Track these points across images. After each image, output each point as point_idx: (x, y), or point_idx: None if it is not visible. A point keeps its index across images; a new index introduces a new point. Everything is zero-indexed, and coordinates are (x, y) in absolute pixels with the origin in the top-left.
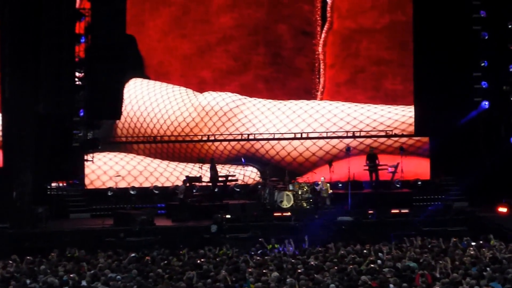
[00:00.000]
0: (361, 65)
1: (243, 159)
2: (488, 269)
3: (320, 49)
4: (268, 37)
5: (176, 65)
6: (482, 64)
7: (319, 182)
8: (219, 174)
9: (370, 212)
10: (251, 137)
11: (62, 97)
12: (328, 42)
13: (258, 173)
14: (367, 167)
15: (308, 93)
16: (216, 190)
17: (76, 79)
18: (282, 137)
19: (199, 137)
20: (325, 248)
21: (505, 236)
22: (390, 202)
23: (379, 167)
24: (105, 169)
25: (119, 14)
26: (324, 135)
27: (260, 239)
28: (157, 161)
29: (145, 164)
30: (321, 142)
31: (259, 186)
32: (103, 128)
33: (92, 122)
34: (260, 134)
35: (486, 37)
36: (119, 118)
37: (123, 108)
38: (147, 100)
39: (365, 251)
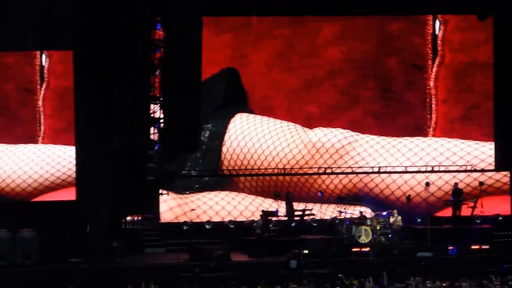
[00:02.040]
0: (476, 101)
1: (320, 193)
2: None
3: (431, 83)
4: (377, 71)
5: (281, 99)
6: None
7: (391, 213)
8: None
9: (450, 247)
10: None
11: (137, 131)
12: (439, 77)
13: (372, 213)
14: (450, 203)
15: (419, 130)
16: (293, 224)
17: (151, 113)
18: (388, 170)
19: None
20: (404, 284)
21: None
22: (471, 238)
23: (464, 203)
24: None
25: (194, 45)
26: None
27: (339, 275)
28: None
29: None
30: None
31: (337, 221)
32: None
33: (168, 155)
34: (371, 168)
35: None
36: (195, 152)
37: (229, 144)
38: (254, 136)
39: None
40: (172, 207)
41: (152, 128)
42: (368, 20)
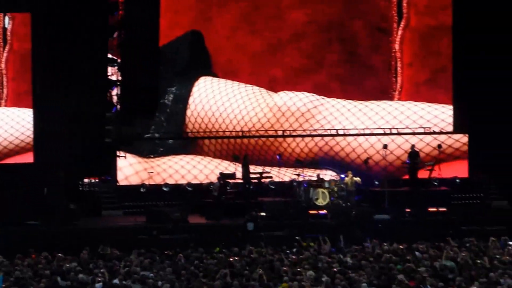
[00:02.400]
0: (442, 64)
1: (278, 156)
2: None
3: (397, 46)
4: (342, 34)
5: (245, 62)
6: None
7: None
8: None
9: (407, 210)
10: (327, 134)
11: (95, 94)
12: (405, 40)
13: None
14: (406, 165)
15: (384, 93)
16: (250, 187)
17: (109, 75)
18: (344, 133)
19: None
20: (361, 246)
21: None
22: (428, 200)
23: (419, 165)
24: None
25: (153, 8)
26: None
27: (297, 238)
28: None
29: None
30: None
31: (294, 184)
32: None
33: (126, 118)
34: (336, 131)
35: None
36: (153, 115)
37: (193, 107)
38: (219, 100)
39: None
40: (138, 170)
41: (110, 91)
42: None
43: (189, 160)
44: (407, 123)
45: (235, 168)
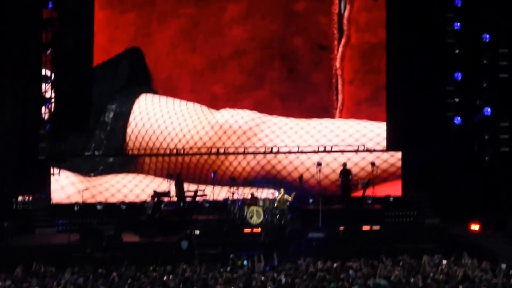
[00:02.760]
0: (383, 82)
1: (212, 173)
2: (460, 287)
3: (337, 64)
4: (283, 51)
5: (185, 79)
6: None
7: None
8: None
9: (341, 228)
10: (269, 151)
11: (28, 109)
12: (346, 57)
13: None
14: (339, 182)
15: (325, 111)
16: (184, 205)
17: (43, 92)
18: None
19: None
20: (295, 264)
21: (478, 254)
22: (361, 218)
23: (352, 183)
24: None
25: (86, 24)
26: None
27: (231, 255)
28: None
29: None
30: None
31: (229, 202)
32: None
33: (59, 135)
34: (278, 148)
35: (459, 51)
36: (87, 131)
37: (133, 125)
38: (160, 117)
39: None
40: (80, 189)
41: (43, 108)
42: None
43: (131, 179)
44: (349, 141)
45: (168, 187)
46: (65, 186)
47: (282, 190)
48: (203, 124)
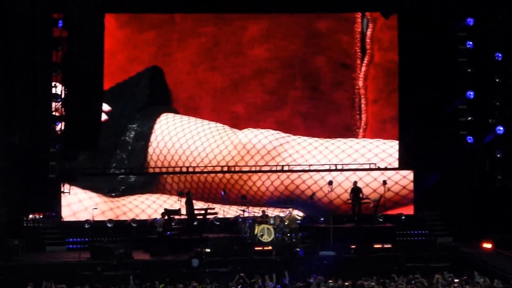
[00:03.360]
0: None
1: (222, 192)
2: None
3: (360, 83)
4: (305, 70)
5: (206, 99)
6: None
7: (285, 214)
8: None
9: (352, 246)
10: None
11: (37, 128)
12: (369, 76)
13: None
14: (349, 201)
15: (348, 130)
16: (195, 223)
17: (53, 110)
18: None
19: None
20: (306, 283)
21: (490, 273)
22: (373, 237)
23: (362, 201)
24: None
25: (96, 44)
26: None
27: (241, 274)
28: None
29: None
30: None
31: (239, 220)
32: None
33: (69, 154)
34: (288, 166)
35: (471, 70)
36: (96, 150)
37: (155, 145)
38: (182, 137)
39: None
40: (104, 210)
41: (54, 126)
42: (295, 18)
43: (155, 199)
44: (375, 161)
45: (180, 205)
46: (89, 207)
47: (291, 210)
48: (226, 144)
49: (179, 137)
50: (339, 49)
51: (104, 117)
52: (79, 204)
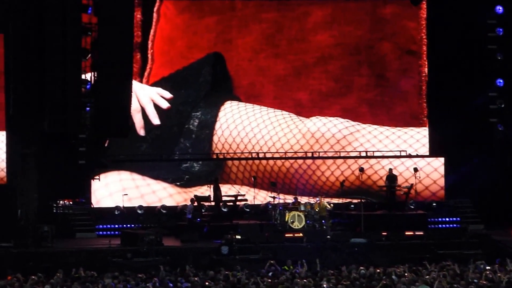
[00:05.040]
0: None
1: (253, 178)
2: None
3: (426, 70)
4: (370, 57)
5: (269, 86)
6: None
7: (313, 202)
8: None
9: (383, 234)
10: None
11: (67, 115)
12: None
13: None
14: (384, 188)
15: (415, 119)
16: (225, 209)
17: (83, 96)
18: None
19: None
20: (337, 270)
21: None
22: (404, 224)
23: (397, 188)
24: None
25: (126, 30)
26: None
27: (271, 261)
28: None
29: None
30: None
31: (270, 206)
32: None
33: (99, 140)
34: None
35: (502, 57)
36: (126, 136)
37: (220, 133)
38: (247, 125)
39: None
40: (179, 202)
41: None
42: (360, 4)
43: (227, 190)
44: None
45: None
46: (163, 198)
47: (321, 197)
48: (294, 133)
49: (245, 125)
50: (405, 35)
51: (166, 104)
52: (152, 195)
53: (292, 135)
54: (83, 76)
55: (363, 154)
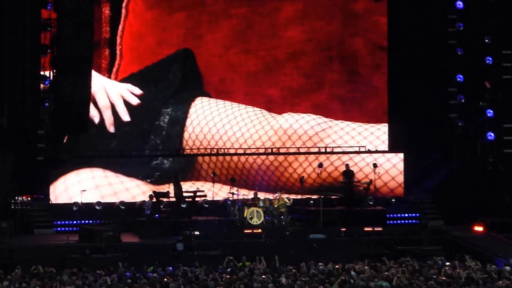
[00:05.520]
0: None
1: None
2: None
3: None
4: (342, 53)
5: (239, 82)
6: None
7: (271, 198)
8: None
9: (342, 229)
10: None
11: (26, 110)
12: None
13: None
14: (342, 184)
15: (386, 115)
16: (184, 205)
17: (42, 92)
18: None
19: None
20: (296, 266)
21: (481, 256)
22: (364, 219)
23: (354, 183)
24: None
25: (86, 26)
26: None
27: (230, 257)
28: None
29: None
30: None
31: (228, 202)
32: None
33: (57, 136)
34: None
35: (462, 52)
36: (84, 132)
37: (191, 130)
38: (219, 122)
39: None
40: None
41: (42, 108)
42: None
43: (199, 187)
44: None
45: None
46: (137, 195)
47: (280, 193)
48: (266, 129)
49: (216, 122)
50: (377, 31)
51: (136, 101)
52: (126, 193)
53: (264, 132)
54: (42, 72)
55: (323, 150)
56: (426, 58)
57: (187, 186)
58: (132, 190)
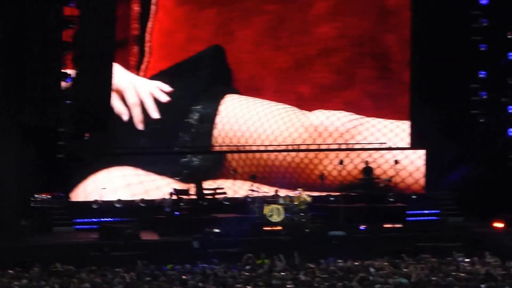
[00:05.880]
0: None
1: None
2: (482, 286)
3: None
4: (374, 49)
5: (269, 79)
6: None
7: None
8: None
9: (362, 226)
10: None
11: (47, 108)
12: None
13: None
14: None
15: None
16: (204, 203)
17: (63, 90)
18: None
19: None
20: (316, 263)
21: (501, 253)
22: (383, 216)
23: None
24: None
25: (108, 23)
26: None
27: (249, 254)
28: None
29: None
30: None
31: (248, 200)
32: None
33: (78, 134)
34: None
35: (485, 48)
36: (104, 130)
37: (220, 127)
38: (249, 119)
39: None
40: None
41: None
42: None
43: (230, 185)
44: None
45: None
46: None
47: (300, 190)
48: (296, 126)
49: (246, 119)
50: (409, 27)
51: (165, 98)
52: (157, 191)
53: (294, 129)
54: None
55: (339, 147)
56: (449, 54)
57: (219, 183)
58: (164, 188)
